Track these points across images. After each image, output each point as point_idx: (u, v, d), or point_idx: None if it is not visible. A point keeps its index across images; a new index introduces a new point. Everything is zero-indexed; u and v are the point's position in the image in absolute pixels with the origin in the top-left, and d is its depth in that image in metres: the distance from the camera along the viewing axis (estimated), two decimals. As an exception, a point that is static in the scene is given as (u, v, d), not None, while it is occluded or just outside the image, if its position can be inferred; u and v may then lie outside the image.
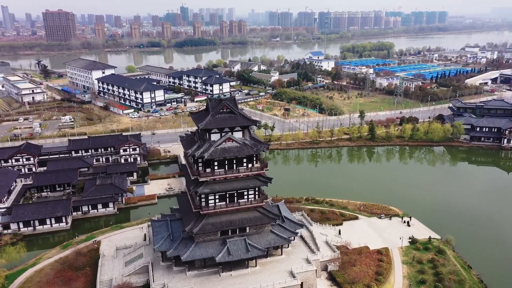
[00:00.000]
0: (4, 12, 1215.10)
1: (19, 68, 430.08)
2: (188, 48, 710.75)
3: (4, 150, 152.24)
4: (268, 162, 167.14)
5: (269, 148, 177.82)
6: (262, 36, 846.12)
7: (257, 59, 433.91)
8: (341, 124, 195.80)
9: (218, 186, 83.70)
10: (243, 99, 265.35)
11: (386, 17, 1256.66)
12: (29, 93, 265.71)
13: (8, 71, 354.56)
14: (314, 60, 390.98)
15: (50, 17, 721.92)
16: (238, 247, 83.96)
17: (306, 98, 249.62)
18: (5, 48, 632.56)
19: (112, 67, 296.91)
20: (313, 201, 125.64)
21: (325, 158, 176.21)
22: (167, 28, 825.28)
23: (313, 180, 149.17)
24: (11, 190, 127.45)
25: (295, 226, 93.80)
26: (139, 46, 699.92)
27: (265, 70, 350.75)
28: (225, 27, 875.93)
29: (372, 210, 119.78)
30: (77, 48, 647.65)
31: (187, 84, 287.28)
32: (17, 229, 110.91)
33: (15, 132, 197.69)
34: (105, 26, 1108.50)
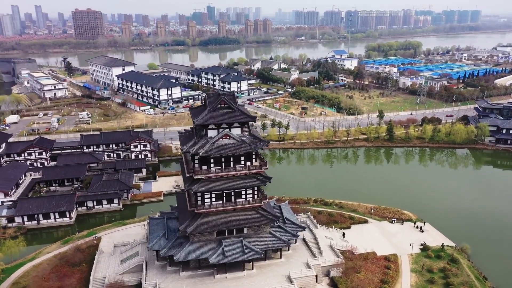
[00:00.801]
0: (37, 11, 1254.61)
1: (46, 65, 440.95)
2: (212, 46, 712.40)
3: (18, 144, 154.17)
4: (281, 162, 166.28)
5: (283, 148, 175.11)
6: (286, 35, 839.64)
7: (279, 57, 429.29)
8: (358, 124, 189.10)
9: (214, 185, 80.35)
10: (261, 97, 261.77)
11: (415, 16, 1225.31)
12: (51, 89, 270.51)
13: (35, 68, 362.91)
14: (337, 59, 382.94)
15: (79, 16, 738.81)
16: (234, 249, 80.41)
17: (325, 97, 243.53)
18: (36, 46, 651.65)
19: (132, 64, 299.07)
20: (322, 202, 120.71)
21: (340, 158, 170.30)
22: (192, 27, 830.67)
23: (325, 181, 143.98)
24: (20, 183, 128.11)
25: (297, 228, 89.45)
26: (164, 45, 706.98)
27: (285, 68, 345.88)
28: (250, 26, 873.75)
29: (383, 214, 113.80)
30: (104, 46, 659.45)
31: (205, 82, 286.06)
32: (21, 222, 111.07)
33: (33, 126, 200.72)
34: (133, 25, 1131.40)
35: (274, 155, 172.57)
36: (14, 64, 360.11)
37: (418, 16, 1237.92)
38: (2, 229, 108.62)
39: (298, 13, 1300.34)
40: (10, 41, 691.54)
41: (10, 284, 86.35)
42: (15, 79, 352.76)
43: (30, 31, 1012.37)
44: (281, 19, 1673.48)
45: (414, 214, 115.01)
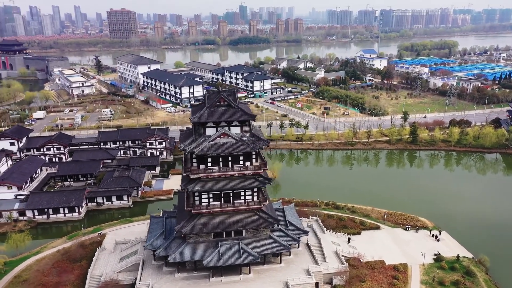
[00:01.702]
0: (76, 12, 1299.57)
1: (79, 63, 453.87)
2: (242, 46, 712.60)
3: (38, 139, 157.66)
4: (298, 162, 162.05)
5: (300, 148, 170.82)
6: (318, 34, 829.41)
7: (307, 56, 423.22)
8: (379, 125, 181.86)
9: (212, 185, 77.86)
10: (284, 97, 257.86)
11: (453, 15, 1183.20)
12: (79, 86, 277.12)
13: (66, 65, 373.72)
14: (366, 58, 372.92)
15: (113, 15, 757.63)
16: (230, 252, 77.65)
17: (349, 97, 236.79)
18: (72, 45, 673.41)
19: (157, 62, 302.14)
20: (334, 206, 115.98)
21: (359, 160, 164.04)
22: (223, 26, 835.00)
23: (340, 183, 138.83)
24: (35, 178, 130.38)
25: (299, 232, 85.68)
26: (194, 44, 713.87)
27: (311, 68, 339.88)
28: (280, 25, 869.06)
29: (397, 220, 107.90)
30: (136, 45, 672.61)
31: (229, 80, 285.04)
32: (32, 216, 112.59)
33: (57, 122, 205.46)
34: (166, 24, 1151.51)
35: (292, 156, 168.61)
36: (48, 62, 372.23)
37: (456, 15, 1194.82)
38: (13, 222, 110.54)
39: (331, 12, 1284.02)
40: (49, 40, 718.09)
41: (12, 277, 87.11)
42: (48, 76, 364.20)
43: (68, 30, 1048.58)
44: (314, 19, 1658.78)
45: (431, 222, 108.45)
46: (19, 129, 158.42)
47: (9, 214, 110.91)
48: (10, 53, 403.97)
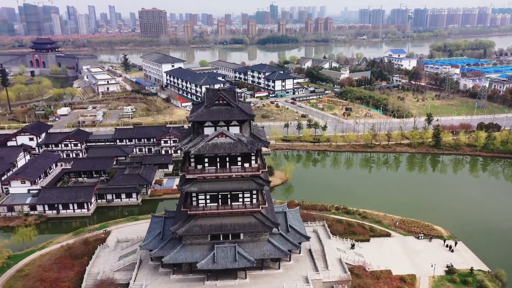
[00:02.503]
0: (111, 11, 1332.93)
1: (108, 61, 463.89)
2: (270, 45, 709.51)
3: (57, 135, 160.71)
4: (313, 164, 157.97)
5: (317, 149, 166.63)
6: (348, 34, 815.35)
7: (333, 56, 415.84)
8: (401, 127, 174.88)
9: (208, 186, 75.81)
10: (306, 97, 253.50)
11: (492, 14, 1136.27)
12: (104, 83, 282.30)
13: (95, 63, 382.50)
14: (394, 58, 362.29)
15: (145, 15, 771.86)
16: (226, 255, 75.34)
17: (373, 98, 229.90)
18: (104, 43, 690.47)
19: (181, 61, 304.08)
20: (344, 210, 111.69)
21: (379, 164, 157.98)
22: (252, 25, 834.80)
23: (355, 187, 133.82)
24: (49, 173, 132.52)
25: (300, 238, 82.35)
26: (222, 43, 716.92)
27: (336, 67, 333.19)
28: (310, 24, 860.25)
29: (410, 228, 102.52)
30: (166, 44, 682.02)
31: (251, 80, 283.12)
32: (42, 211, 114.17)
33: (80, 119, 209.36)
34: (197, 24, 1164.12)
35: (308, 157, 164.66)
36: (78, 60, 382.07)
37: (495, 14, 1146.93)
38: (24, 216, 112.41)
39: (363, 11, 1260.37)
40: (83, 39, 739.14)
41: (15, 271, 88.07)
42: (78, 74, 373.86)
43: (102, 29, 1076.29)
44: (346, 18, 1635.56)
45: (447, 231, 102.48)
46: (39, 125, 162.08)
47: (21, 208, 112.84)
48: (43, 51, 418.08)
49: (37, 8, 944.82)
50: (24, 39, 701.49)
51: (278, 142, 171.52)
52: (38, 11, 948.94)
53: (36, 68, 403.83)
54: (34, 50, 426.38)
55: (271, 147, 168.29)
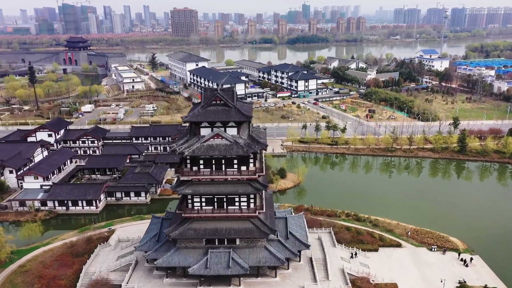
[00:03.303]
0: (145, 11, 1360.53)
1: (137, 60, 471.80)
2: (300, 45, 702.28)
3: (75, 131, 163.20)
4: (329, 167, 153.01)
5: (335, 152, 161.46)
6: (381, 33, 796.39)
7: (362, 56, 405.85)
8: (423, 131, 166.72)
9: (203, 188, 73.52)
10: (329, 97, 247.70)
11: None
12: (130, 81, 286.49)
13: (124, 62, 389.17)
14: (425, 59, 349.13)
15: (176, 14, 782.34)
16: (220, 261, 72.83)
17: (398, 100, 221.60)
18: (136, 42, 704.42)
19: (205, 60, 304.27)
20: (355, 217, 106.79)
21: (400, 169, 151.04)
22: (282, 25, 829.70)
23: (370, 193, 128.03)
24: (63, 169, 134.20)
25: (300, 245, 78.66)
26: (252, 42, 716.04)
27: (363, 68, 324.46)
28: (341, 24, 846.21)
29: (423, 239, 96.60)
30: (196, 44, 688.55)
31: (274, 79, 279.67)
32: (52, 207, 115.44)
33: (102, 116, 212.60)
34: (229, 23, 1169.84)
35: (325, 160, 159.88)
36: (107, 58, 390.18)
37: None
38: (35, 212, 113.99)
39: (397, 11, 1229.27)
40: (116, 38, 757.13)
41: (17, 266, 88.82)
42: (107, 72, 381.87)
43: (136, 29, 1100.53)
44: (380, 18, 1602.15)
45: (463, 243, 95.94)
46: (58, 122, 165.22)
47: (31, 203, 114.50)
48: (75, 49, 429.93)
49: (75, 8, 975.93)
50: (60, 38, 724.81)
51: (295, 144, 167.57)
52: (76, 11, 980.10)
53: (68, 66, 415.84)
54: (67, 48, 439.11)
55: (287, 148, 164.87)
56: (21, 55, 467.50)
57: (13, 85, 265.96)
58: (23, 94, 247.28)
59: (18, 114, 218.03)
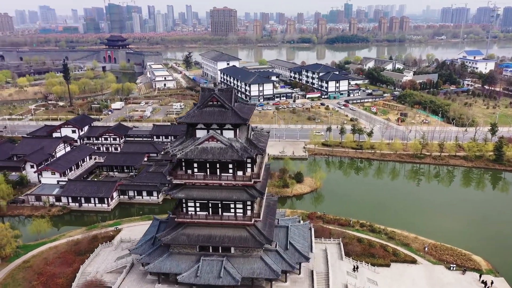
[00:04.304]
0: (187, 10, 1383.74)
1: (173, 59, 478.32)
2: (339, 45, 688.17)
3: (98, 128, 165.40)
4: (354, 173, 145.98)
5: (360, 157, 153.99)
6: (425, 33, 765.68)
7: (401, 57, 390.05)
8: (456, 137, 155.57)
9: (197, 193, 70.36)
10: (361, 99, 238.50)
11: None
12: (162, 80, 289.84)
13: (160, 60, 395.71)
14: (468, 60, 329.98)
15: (216, 14, 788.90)
16: (211, 269, 69.43)
17: (434, 103, 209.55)
18: (175, 41, 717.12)
19: (236, 59, 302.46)
20: (369, 228, 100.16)
21: (428, 177, 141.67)
22: (322, 24, 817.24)
23: (391, 202, 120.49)
24: (81, 165, 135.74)
25: (299, 257, 73.74)
26: (290, 42, 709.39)
27: (399, 69, 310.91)
28: (384, 23, 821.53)
29: (441, 256, 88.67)
30: (234, 43, 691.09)
31: (305, 80, 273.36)
32: (66, 203, 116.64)
33: (130, 114, 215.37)
34: (269, 23, 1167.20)
35: (348, 165, 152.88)
36: (144, 56, 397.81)
37: None
38: (49, 207, 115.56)
39: (445, 10, 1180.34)
40: (157, 37, 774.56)
41: (22, 261, 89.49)
42: (143, 70, 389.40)
43: (178, 28, 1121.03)
44: (427, 17, 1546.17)
45: (488, 263, 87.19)
46: (82, 118, 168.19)
47: (46, 199, 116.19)
48: (115, 47, 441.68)
49: (120, 7, 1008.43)
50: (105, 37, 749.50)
51: (318, 147, 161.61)
52: (121, 11, 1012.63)
53: (107, 63, 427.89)
54: (108, 46, 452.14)
55: (309, 151, 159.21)
56: (65, 53, 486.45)
57: (51, 82, 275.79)
58: (59, 91, 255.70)
59: (52, 110, 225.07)
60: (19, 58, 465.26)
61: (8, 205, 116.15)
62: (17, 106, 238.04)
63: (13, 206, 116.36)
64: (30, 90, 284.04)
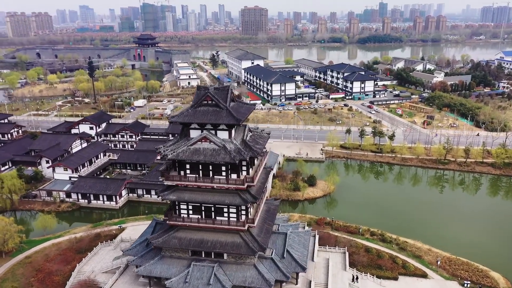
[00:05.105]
0: (220, 9, 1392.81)
1: (201, 57, 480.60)
2: (371, 44, 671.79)
3: (115, 125, 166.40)
4: (372, 178, 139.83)
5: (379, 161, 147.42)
6: (462, 33, 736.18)
7: (433, 57, 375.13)
8: (483, 143, 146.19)
9: (188, 195, 67.74)
10: (387, 101, 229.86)
11: None
12: (186, 78, 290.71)
13: (187, 58, 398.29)
14: (505, 61, 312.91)
15: (246, 13, 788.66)
16: (201, 276, 66.60)
17: (464, 106, 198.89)
18: (205, 40, 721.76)
19: (261, 58, 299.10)
20: (380, 238, 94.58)
21: (453, 184, 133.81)
22: (354, 24, 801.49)
23: (408, 209, 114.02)
24: (94, 162, 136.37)
25: (296, 266, 69.75)
26: (320, 41, 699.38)
27: (430, 69, 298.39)
28: (419, 23, 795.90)
29: (455, 271, 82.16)
30: (263, 42, 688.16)
31: (330, 80, 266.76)
32: (76, 199, 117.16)
33: (151, 111, 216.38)
34: (301, 22, 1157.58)
35: (367, 169, 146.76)
36: (172, 55, 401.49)
37: None
38: (59, 202, 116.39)
39: (485, 9, 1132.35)
40: (188, 36, 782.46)
41: (24, 257, 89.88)
42: (171, 68, 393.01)
43: (210, 27, 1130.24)
44: (467, 17, 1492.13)
45: (507, 281, 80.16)
46: (100, 115, 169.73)
47: (56, 194, 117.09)
48: (144, 46, 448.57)
49: (154, 7, 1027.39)
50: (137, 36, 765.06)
51: (336, 149, 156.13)
52: (155, 10, 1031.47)
53: (137, 61, 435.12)
54: (137, 45, 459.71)
55: (327, 154, 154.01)
56: (97, 51, 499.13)
57: (79, 79, 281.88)
58: (85, 88, 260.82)
59: (76, 107, 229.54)
60: (54, 55, 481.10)
61: (21, 200, 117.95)
62: (44, 102, 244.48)
63: (25, 201, 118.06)
64: (59, 87, 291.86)
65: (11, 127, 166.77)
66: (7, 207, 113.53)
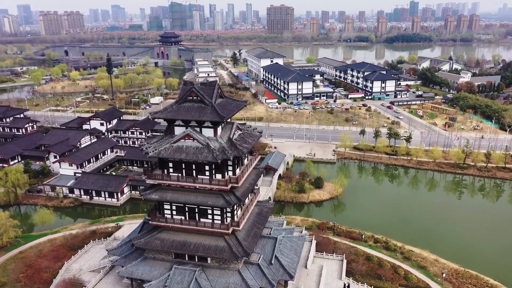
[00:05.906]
0: (247, 8, 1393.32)
1: (223, 56, 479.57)
2: (399, 44, 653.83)
3: (126, 122, 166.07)
4: (391, 181, 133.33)
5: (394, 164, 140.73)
6: (496, 33, 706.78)
7: (462, 57, 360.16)
8: (506, 147, 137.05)
9: (171, 195, 64.78)
10: (409, 101, 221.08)
11: None
12: (205, 76, 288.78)
13: (209, 57, 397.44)
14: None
15: (272, 12, 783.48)
16: (182, 280, 63.43)
17: (490, 108, 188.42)
18: (231, 39, 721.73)
19: (281, 56, 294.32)
20: (384, 245, 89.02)
21: (471, 190, 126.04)
22: (382, 23, 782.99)
23: (419, 216, 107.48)
24: (101, 158, 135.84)
25: (283, 274, 65.58)
26: (346, 41, 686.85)
27: (456, 69, 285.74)
28: (450, 22, 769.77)
29: (462, 284, 75.94)
30: (288, 41, 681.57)
31: (350, 79, 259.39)
32: (79, 195, 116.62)
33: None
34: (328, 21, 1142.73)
35: (381, 171, 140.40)
36: (193, 53, 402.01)
37: None
38: (62, 198, 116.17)
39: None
40: (213, 35, 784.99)
41: (18, 252, 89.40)
42: (192, 66, 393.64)
43: (236, 26, 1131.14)
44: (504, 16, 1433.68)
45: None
46: (112, 111, 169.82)
47: (59, 189, 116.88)
48: (168, 44, 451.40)
49: (182, 6, 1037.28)
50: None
51: (349, 151, 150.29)
52: (183, 9, 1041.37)
53: (160, 59, 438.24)
54: (161, 43, 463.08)
55: (339, 155, 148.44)
56: (123, 49, 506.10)
57: (100, 76, 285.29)
58: (105, 84, 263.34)
59: (94, 103, 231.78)
60: (81, 53, 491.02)
61: (25, 194, 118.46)
62: (64, 98, 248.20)
63: (29, 195, 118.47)
64: (81, 84, 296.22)
65: (26, 122, 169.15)
66: (11, 201, 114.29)
